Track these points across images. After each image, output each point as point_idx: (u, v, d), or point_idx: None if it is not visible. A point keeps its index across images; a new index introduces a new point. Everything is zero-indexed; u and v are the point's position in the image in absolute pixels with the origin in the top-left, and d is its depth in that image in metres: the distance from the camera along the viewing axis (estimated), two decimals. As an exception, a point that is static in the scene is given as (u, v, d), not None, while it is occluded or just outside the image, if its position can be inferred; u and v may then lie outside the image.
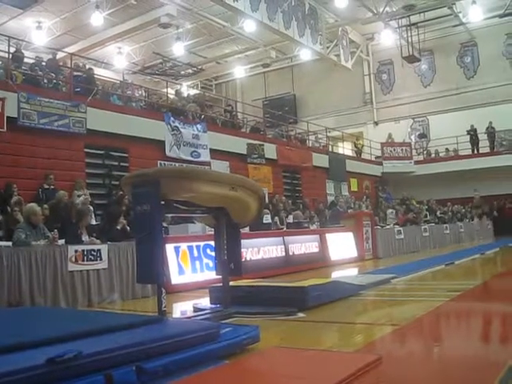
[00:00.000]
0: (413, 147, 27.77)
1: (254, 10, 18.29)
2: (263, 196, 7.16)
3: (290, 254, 13.12)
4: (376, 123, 29.29)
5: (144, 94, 20.13)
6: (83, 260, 8.45)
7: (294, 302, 6.84)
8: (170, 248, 9.58)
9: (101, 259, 8.69)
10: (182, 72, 28.89)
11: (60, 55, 19.48)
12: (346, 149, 27.15)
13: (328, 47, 23.65)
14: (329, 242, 14.72)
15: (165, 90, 19.82)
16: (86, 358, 3.39)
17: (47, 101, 13.06)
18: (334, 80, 28.27)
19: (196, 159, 16.49)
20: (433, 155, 27.59)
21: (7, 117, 12.26)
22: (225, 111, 22.03)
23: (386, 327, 5.85)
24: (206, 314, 6.60)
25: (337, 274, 12.17)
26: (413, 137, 28.60)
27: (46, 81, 14.65)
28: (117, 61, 25.12)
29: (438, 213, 23.82)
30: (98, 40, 23.01)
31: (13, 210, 10.36)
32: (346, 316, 6.72)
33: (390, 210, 21.16)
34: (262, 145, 19.75)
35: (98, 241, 9.23)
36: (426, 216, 22.73)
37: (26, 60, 16.11)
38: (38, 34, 21.53)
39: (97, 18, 20.42)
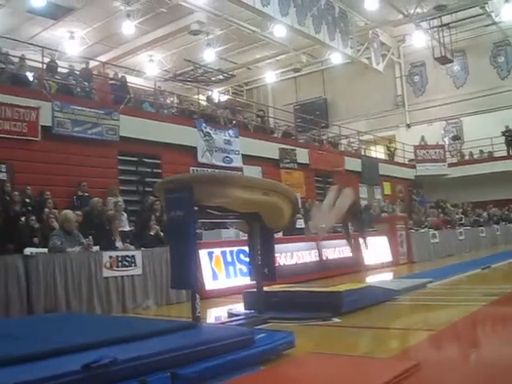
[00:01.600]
0: (446, 149, 27.40)
1: (283, 15, 18.26)
2: (296, 201, 7.13)
3: (324, 258, 13.04)
4: (408, 126, 28.97)
5: (176, 101, 20.23)
6: (117, 266, 8.51)
7: (329, 307, 6.79)
8: (203, 253, 9.59)
9: (135, 265, 8.75)
10: (213, 78, 28.98)
11: (93, 64, 19.72)
12: (378, 152, 26.93)
13: (359, 50, 23.49)
14: (363, 246, 14.57)
15: (196, 97, 19.90)
16: (122, 364, 3.39)
17: (80, 109, 13.22)
18: (365, 83, 28.05)
19: (228, 165, 16.51)
20: (467, 157, 27.18)
21: (42, 126, 12.46)
22: (256, 116, 22.03)
23: (422, 332, 5.76)
24: (240, 319, 6.59)
25: (371, 279, 12.06)
26: (446, 139, 28.21)
27: (79, 89, 14.83)
28: (148, 68, 25.33)
29: (473, 216, 23.49)
30: (130, 48, 23.23)
31: (48, 217, 10.51)
32: (381, 321, 6.63)
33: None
34: (294, 149, 19.70)
35: (132, 247, 9.30)
36: (461, 219, 22.43)
37: (59, 69, 16.32)
38: (70, 43, 21.82)
39: (128, 27, 20.65)
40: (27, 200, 11.47)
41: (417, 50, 27.47)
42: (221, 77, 29.01)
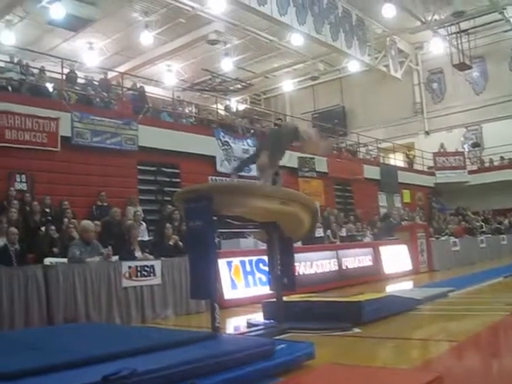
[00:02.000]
0: (466, 156, 27.16)
1: (301, 24, 18.27)
2: (316, 210, 7.09)
3: (344, 267, 12.97)
4: (427, 133, 28.77)
5: (194, 110, 20.31)
6: (137, 276, 8.51)
7: (350, 317, 6.73)
8: (222, 263, 9.57)
9: (154, 275, 8.75)
10: (231, 87, 29.07)
11: (111, 74, 19.87)
12: (397, 160, 26.80)
13: (376, 58, 23.44)
14: (383, 255, 14.50)
15: (214, 106, 19.95)
16: (141, 376, 3.38)
17: (99, 119, 13.32)
18: (383, 90, 27.94)
19: (247, 174, 16.46)
20: (487, 164, 26.91)
21: (61, 136, 12.57)
22: (274, 125, 22.01)
23: (443, 343, 5.69)
24: (259, 329, 6.55)
25: (392, 288, 11.95)
26: (466, 146, 27.96)
27: (98, 100, 14.94)
28: (166, 78, 25.45)
29: (494, 223, 23.23)
30: (148, 58, 23.38)
31: (67, 228, 10.58)
32: (402, 331, 6.55)
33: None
34: (313, 158, 19.65)
35: (152, 256, 9.30)
36: (481, 227, 22.20)
37: (78, 80, 16.46)
38: (89, 54, 22.01)
39: (146, 38, 20.78)
40: (47, 210, 11.57)
41: (435, 56, 27.32)
42: (239, 86, 29.10)
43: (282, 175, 6.82)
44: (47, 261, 8.81)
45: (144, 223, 12.25)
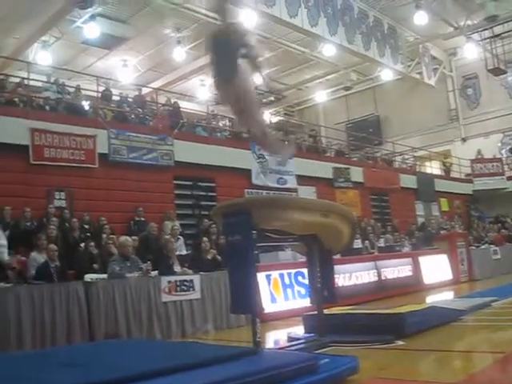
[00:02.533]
0: (504, 162, 26.70)
1: (332, 34, 18.25)
2: (355, 221, 7.03)
3: (383, 278, 12.83)
4: (464, 140, 28.37)
5: (228, 124, 20.38)
6: (176, 291, 8.54)
7: (391, 329, 6.63)
8: (261, 276, 9.53)
9: (193, 289, 8.76)
10: (264, 100, 29.11)
11: (145, 91, 20.08)
12: (433, 168, 26.47)
13: (409, 66, 23.24)
14: (422, 265, 14.30)
15: (248, 119, 19.96)
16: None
17: (135, 135, 13.47)
18: (417, 98, 27.65)
19: (282, 186, 16.50)
20: (526, 170, 26.44)
21: (99, 153, 12.73)
22: (309, 136, 21.99)
23: (488, 355, 5.57)
24: (300, 343, 6.49)
25: (432, 299, 11.78)
26: (504, 151, 27.51)
27: (133, 116, 15.11)
28: (200, 93, 25.61)
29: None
30: (181, 74, 23.51)
31: (106, 243, 10.68)
32: (446, 343, 6.43)
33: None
34: (348, 168, 19.56)
35: (190, 271, 9.33)
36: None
37: (113, 97, 16.68)
38: (123, 72, 22.29)
39: (179, 53, 20.95)
40: (86, 226, 11.71)
41: (469, 62, 26.98)
42: (272, 98, 29.12)
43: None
44: (87, 277, 8.90)
45: (181, 237, 12.31)
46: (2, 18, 17.70)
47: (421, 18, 20.43)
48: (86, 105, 14.76)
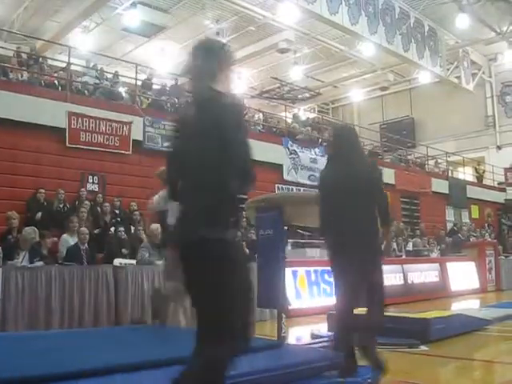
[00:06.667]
0: (539, 173, 26.31)
1: (372, 33, 18.12)
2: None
3: (409, 282, 12.75)
4: (499, 147, 27.95)
5: (262, 118, 20.39)
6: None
7: (416, 333, 6.60)
8: (288, 272, 9.52)
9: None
10: (299, 96, 29.06)
11: (182, 80, 20.19)
12: (466, 174, 26.18)
13: (448, 69, 23.00)
14: (450, 271, 14.18)
15: (282, 114, 19.98)
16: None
17: (170, 125, 13.49)
18: (453, 103, 27.34)
19: (313, 182, 16.44)
20: (561, 181, 25.99)
21: (133, 140, 12.82)
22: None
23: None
24: (324, 341, 6.48)
25: (458, 306, 11.68)
26: (539, 161, 27.09)
27: (168, 105, 15.19)
28: (236, 85, 25.65)
29: None
30: (219, 66, 23.59)
31: (136, 230, 10.79)
32: (471, 352, 6.39)
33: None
34: (380, 169, 19.38)
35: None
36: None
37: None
38: (161, 60, 22.39)
39: (217, 45, 20.99)
40: (116, 211, 11.83)
41: (509, 68, 26.57)
42: (307, 95, 29.05)
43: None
44: (116, 261, 8.99)
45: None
46: (44, 1, 17.98)
47: (463, 22, 20.17)
48: (123, 91, 14.88)
